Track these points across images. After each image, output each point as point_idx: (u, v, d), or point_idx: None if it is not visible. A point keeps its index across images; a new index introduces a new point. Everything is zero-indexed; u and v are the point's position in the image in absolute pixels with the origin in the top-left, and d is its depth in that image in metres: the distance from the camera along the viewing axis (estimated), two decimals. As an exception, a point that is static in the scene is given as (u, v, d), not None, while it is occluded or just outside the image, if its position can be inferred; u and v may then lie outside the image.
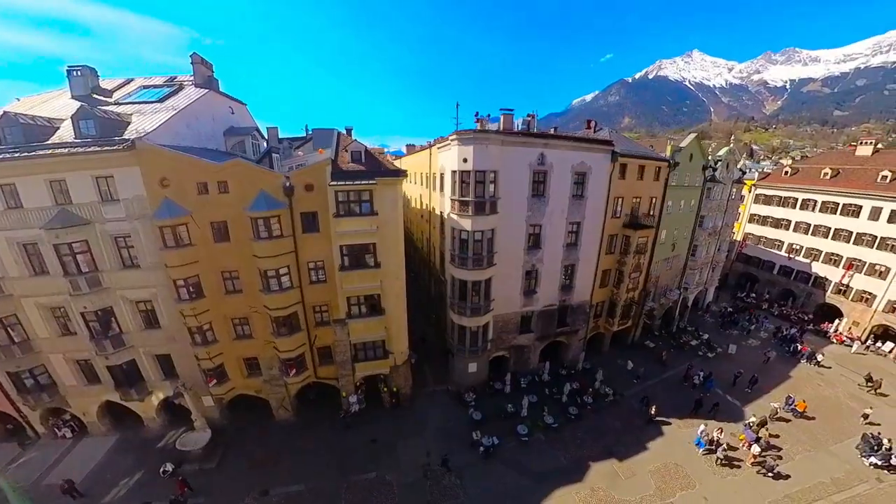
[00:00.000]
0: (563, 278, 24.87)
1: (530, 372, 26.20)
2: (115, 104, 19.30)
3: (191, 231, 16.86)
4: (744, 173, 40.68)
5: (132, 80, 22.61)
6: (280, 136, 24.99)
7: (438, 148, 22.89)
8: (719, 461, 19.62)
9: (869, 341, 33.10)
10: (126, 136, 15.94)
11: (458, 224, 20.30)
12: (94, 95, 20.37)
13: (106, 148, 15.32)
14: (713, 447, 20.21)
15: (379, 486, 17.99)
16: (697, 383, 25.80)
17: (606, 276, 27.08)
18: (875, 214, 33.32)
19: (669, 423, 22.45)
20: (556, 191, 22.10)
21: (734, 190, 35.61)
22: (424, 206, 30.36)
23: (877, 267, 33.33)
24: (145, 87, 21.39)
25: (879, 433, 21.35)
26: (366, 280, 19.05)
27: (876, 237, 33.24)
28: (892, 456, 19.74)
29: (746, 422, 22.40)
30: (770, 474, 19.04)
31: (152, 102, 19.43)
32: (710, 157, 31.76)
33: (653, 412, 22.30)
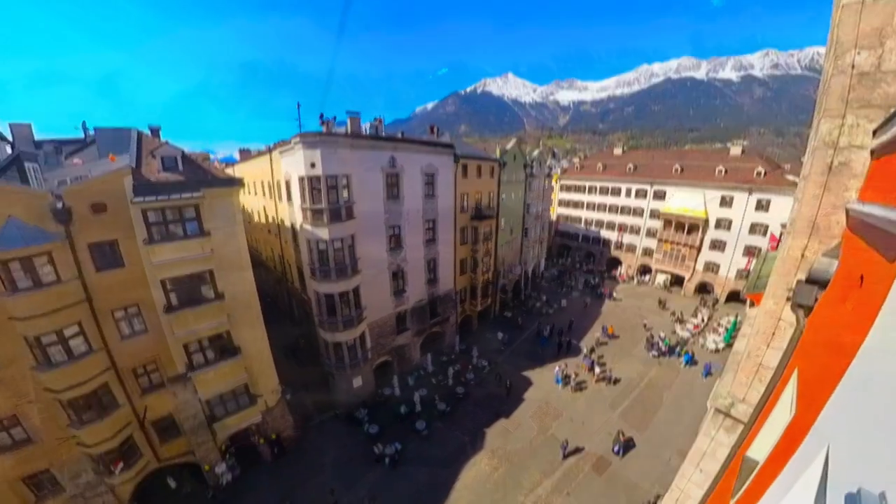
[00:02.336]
0: (428, 273, 26.53)
1: (415, 368, 26.92)
2: None
3: None
4: (551, 169, 52.36)
5: None
6: (36, 138, 17.81)
7: (281, 152, 20.90)
8: (573, 388, 24.96)
9: (637, 276, 47.93)
10: None
11: (313, 235, 19.05)
12: None
13: None
14: (567, 380, 25.49)
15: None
16: (546, 335, 31.73)
17: (464, 264, 30.32)
18: (629, 193, 48.48)
19: (534, 374, 26.88)
20: (409, 192, 23.27)
21: (546, 182, 45.26)
22: (270, 220, 27.27)
23: (634, 227, 48.52)
24: None
25: (652, 334, 31.70)
26: (207, 317, 15.51)
27: (631, 207, 48.42)
28: (662, 345, 29.73)
29: (583, 353, 29.00)
30: (608, 384, 25.51)
31: None
32: (527, 158, 39.42)
33: (508, 385, 24.95)
